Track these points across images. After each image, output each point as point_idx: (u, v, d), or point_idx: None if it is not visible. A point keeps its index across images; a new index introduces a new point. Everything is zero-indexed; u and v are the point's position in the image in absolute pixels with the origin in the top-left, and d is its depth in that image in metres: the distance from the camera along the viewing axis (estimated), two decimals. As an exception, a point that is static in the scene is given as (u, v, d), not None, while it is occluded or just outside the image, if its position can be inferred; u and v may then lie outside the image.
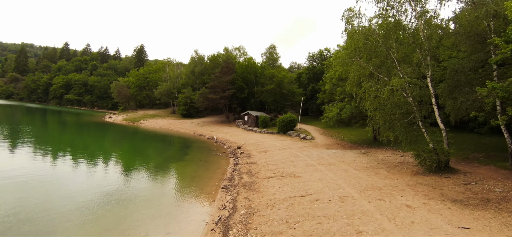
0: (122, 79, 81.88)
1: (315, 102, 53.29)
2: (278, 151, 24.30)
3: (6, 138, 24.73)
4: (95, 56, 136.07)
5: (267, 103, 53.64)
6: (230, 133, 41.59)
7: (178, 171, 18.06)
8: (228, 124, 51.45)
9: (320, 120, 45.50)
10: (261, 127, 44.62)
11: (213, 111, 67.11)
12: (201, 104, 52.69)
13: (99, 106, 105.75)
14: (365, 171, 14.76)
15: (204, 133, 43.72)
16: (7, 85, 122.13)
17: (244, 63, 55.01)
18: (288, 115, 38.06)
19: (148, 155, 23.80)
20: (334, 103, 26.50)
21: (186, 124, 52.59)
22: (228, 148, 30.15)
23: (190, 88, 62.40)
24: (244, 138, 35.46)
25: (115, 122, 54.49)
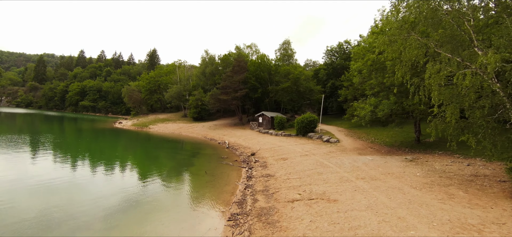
0: (133, 83, 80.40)
1: (335, 100, 48.63)
2: (300, 158, 20.24)
3: (29, 146, 25.43)
4: (109, 63, 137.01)
5: (283, 103, 49.52)
6: (244, 136, 37.87)
7: (175, 191, 14.38)
8: (241, 127, 47.81)
9: (343, 119, 40.94)
10: (277, 129, 40.60)
11: (225, 113, 63.78)
12: (212, 106, 49.38)
13: (113, 112, 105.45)
14: (429, 191, 10.47)
15: (215, 137, 40.26)
16: (26, 94, 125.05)
17: (257, 61, 51.19)
18: (307, 115, 33.85)
19: (143, 167, 20.43)
20: (364, 99, 22.10)
21: (197, 128, 49.45)
22: (240, 154, 26.40)
23: (201, 90, 59.36)
24: (258, 142, 31.61)
25: (124, 127, 52.27)
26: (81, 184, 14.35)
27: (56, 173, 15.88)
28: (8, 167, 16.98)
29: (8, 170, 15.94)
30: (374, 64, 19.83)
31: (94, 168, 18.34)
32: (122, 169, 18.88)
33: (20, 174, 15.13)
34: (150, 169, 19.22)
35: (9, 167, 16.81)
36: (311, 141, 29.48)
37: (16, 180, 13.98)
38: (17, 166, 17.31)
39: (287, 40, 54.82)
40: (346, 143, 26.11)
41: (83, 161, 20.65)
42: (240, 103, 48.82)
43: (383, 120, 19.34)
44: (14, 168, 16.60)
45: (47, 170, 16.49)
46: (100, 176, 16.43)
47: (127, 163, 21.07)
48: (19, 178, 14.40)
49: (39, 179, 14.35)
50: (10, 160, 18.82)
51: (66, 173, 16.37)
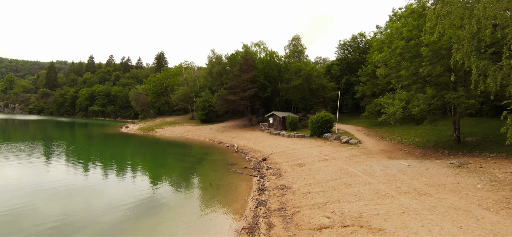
0: (140, 86, 79.18)
1: (350, 97, 45.46)
2: (319, 164, 17.50)
3: (42, 152, 25.70)
4: (118, 67, 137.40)
5: (294, 102, 46.73)
6: (254, 138, 35.31)
7: (169, 213, 11.89)
8: (251, 128, 45.28)
9: (360, 117, 37.79)
10: (289, 130, 37.85)
11: (234, 114, 61.44)
12: (219, 108, 47.07)
13: (122, 116, 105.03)
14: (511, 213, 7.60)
15: (223, 140, 37.87)
16: (38, 101, 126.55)
17: (266, 58, 48.55)
18: (322, 114, 30.98)
19: (138, 179, 18.11)
20: (391, 94, 19.14)
21: (204, 130, 47.25)
22: (250, 159, 23.84)
23: (208, 91, 57.22)
24: (270, 145, 28.97)
25: (129, 132, 50.65)
26: (74, 192, 13.84)
27: (67, 178, 16.17)
28: (27, 172, 17.32)
29: (27, 175, 16.47)
30: (404, 52, 16.86)
31: (89, 178, 16.17)
32: (113, 181, 16.62)
33: (38, 179, 15.71)
34: (147, 181, 16.88)
35: (28, 172, 17.21)
36: (328, 143, 26.61)
37: (35, 184, 14.48)
38: (34, 171, 17.72)
39: (297, 36, 51.93)
40: (369, 144, 23.13)
41: (81, 169, 18.57)
42: (249, 104, 46.32)
43: (417, 117, 16.34)
44: (32, 173, 17.05)
45: (61, 175, 16.96)
46: (89, 191, 14.20)
47: (120, 173, 18.84)
48: (38, 182, 14.90)
49: (56, 183, 14.83)
50: (28, 166, 19.06)
51: (69, 178, 16.25)
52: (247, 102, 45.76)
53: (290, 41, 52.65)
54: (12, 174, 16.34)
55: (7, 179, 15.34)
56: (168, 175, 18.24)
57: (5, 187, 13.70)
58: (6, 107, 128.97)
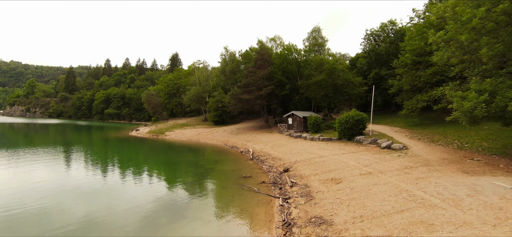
0: (152, 87, 76.97)
1: (380, 93, 40.10)
2: (362, 180, 12.93)
3: (61, 155, 25.92)
4: (133, 70, 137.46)
5: (316, 100, 41.95)
6: (271, 142, 30.97)
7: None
8: (268, 130, 40.96)
9: (397, 115, 32.43)
10: (311, 132, 33.20)
11: (249, 115, 57.38)
12: (233, 108, 43.09)
13: (137, 118, 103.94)
14: None
15: (237, 144, 33.81)
16: (57, 105, 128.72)
17: (283, 52, 44.04)
18: (352, 112, 26.14)
19: (124, 198, 14.23)
20: (455, 84, 14.18)
21: (217, 133, 43.46)
22: (269, 169, 19.53)
23: (221, 91, 53.49)
24: (291, 150, 24.53)
25: (138, 135, 47.77)
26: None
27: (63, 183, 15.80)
28: (52, 174, 17.88)
29: (53, 177, 17.13)
30: (486, 22, 11.94)
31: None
32: (93, 200, 12.85)
33: (63, 180, 16.61)
34: (131, 205, 12.94)
35: (53, 174, 17.82)
36: (362, 148, 21.80)
37: (61, 185, 15.22)
38: (57, 173, 18.41)
39: (317, 27, 47.08)
40: (421, 151, 18.16)
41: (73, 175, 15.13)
42: (265, 103, 42.03)
43: (507, 116, 11.38)
44: (56, 175, 17.74)
45: (65, 178, 17.32)
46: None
47: (107, 188, 15.09)
48: (63, 183, 15.60)
49: (77, 183, 15.58)
50: (53, 168, 19.77)
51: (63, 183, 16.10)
52: (263, 102, 41.50)
53: (309, 34, 47.88)
54: (40, 176, 17.05)
55: (36, 180, 16.03)
56: (163, 194, 14.26)
57: (36, 187, 14.44)
58: (27, 111, 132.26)
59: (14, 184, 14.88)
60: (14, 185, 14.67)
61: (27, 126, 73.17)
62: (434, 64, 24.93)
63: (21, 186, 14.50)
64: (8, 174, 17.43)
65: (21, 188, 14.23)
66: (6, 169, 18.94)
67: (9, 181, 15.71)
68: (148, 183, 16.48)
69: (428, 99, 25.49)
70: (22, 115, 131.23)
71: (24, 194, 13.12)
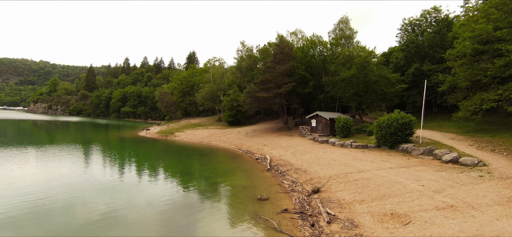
0: (166, 85, 74.35)
1: (419, 92, 34.19)
2: (448, 223, 8.00)
3: (78, 153, 25.79)
4: (151, 68, 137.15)
5: (342, 99, 36.67)
6: (292, 147, 26.23)
7: None
8: (288, 133, 36.19)
9: (449, 118, 26.56)
10: (340, 136, 28.12)
11: (266, 116, 52.79)
12: (248, 108, 38.69)
13: (152, 117, 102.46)
14: None
15: (252, 149, 29.37)
16: (77, 103, 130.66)
17: (307, 45, 39.06)
18: (396, 114, 20.89)
19: (104, 215, 10.18)
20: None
21: (230, 135, 39.25)
22: (292, 187, 14.89)
23: (237, 89, 49.33)
24: (318, 159, 19.70)
25: (147, 135, 44.53)
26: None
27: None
28: (74, 170, 18.07)
29: (75, 172, 17.33)
30: None
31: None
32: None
33: (85, 176, 16.84)
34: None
35: (74, 170, 18.01)
36: (416, 161, 16.59)
37: (83, 181, 15.56)
38: (77, 169, 18.61)
39: (344, 18, 41.75)
40: (509, 168, 12.79)
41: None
42: (284, 102, 37.28)
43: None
44: (78, 171, 17.93)
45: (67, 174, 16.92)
46: None
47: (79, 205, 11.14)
48: (86, 179, 16.01)
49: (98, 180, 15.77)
50: (74, 164, 20.13)
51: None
52: (283, 101, 36.77)
53: (335, 26, 42.57)
54: (63, 171, 17.57)
55: (61, 174, 16.66)
56: (138, 227, 10.00)
57: (61, 181, 15.16)
58: (49, 108, 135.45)
59: (40, 178, 15.69)
60: (40, 179, 15.50)
61: (49, 123, 73.07)
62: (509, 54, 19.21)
63: (44, 180, 15.18)
64: (37, 169, 17.99)
65: (46, 182, 14.94)
66: (34, 164, 19.43)
67: (37, 175, 16.38)
68: (123, 200, 12.30)
69: (499, 98, 19.73)
70: (45, 113, 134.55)
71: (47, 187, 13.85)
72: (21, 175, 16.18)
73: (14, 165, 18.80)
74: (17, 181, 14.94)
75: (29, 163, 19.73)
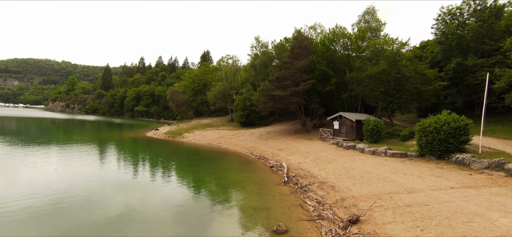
0: (177, 83, 72.21)
1: (458, 91, 29.47)
2: None
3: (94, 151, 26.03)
4: (165, 68, 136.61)
5: (368, 99, 32.48)
6: (313, 153, 22.48)
7: None
8: (306, 135, 32.39)
9: (508, 122, 21.99)
10: (369, 141, 24.06)
11: (282, 116, 49.08)
12: (262, 107, 35.18)
13: (165, 116, 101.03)
14: None
15: (266, 154, 25.85)
16: (93, 101, 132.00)
17: (329, 37, 35.05)
18: (445, 116, 16.74)
19: None
20: None
21: (243, 137, 35.89)
22: (317, 210, 11.27)
23: (250, 87, 46.02)
24: (346, 170, 15.90)
25: (154, 136, 41.96)
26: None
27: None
28: (92, 168, 18.23)
29: (93, 170, 17.59)
30: None
31: None
32: None
33: (101, 173, 17.23)
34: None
35: (92, 168, 18.19)
36: (484, 178, 12.51)
37: (99, 178, 15.90)
38: (93, 167, 18.67)
39: (370, 8, 37.41)
40: None
41: None
42: (303, 102, 33.47)
43: None
44: (94, 168, 18.23)
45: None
46: None
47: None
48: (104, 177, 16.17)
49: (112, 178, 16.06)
50: (92, 162, 20.23)
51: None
52: (301, 100, 32.99)
53: (360, 17, 38.30)
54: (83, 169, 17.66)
55: (80, 172, 16.90)
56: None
57: (81, 178, 15.47)
58: (67, 107, 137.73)
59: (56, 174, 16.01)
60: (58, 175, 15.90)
61: (65, 122, 72.95)
62: None
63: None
64: (56, 166, 18.16)
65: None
66: (55, 162, 19.53)
67: (56, 171, 16.77)
68: (100, 216, 9.17)
69: None
70: (62, 111, 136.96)
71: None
72: (41, 172, 16.63)
73: (37, 161, 19.48)
74: (38, 176, 15.51)
75: (47, 159, 20.33)
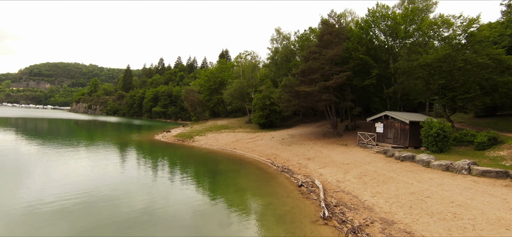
0: (193, 82, 68.32)
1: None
2: None
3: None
4: (184, 68, 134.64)
5: (419, 94, 25.91)
6: (354, 165, 16.59)
7: None
8: (338, 140, 26.36)
9: None
10: (431, 150, 17.70)
11: (306, 117, 43.08)
12: (285, 106, 29.61)
13: (182, 117, 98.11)
14: None
15: (291, 164, 20.25)
16: (114, 102, 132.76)
17: (367, 20, 28.68)
18: None
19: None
20: None
21: (262, 141, 30.51)
22: None
23: (270, 83, 40.61)
24: (419, 198, 9.97)
25: (162, 139, 37.68)
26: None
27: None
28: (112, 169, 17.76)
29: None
30: None
31: None
32: None
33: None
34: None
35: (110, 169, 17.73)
36: None
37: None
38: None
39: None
40: None
41: None
42: (334, 99, 27.49)
43: None
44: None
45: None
46: None
47: None
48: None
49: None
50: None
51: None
52: (332, 97, 27.05)
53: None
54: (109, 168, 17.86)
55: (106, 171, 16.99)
56: None
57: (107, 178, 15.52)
58: (89, 108, 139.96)
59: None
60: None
61: (88, 123, 71.95)
62: None
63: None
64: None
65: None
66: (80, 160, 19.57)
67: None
68: None
69: None
70: (85, 112, 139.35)
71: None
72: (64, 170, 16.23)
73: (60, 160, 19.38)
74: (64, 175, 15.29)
75: (68, 159, 20.10)
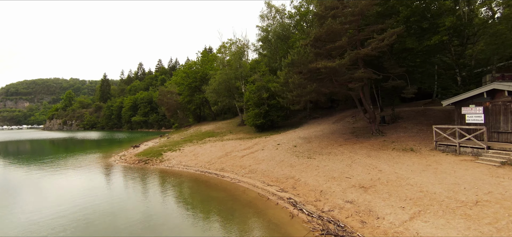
0: (168, 82, 57.26)
1: None
2: None
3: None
4: (166, 71, 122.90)
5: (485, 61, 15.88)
6: (490, 204, 6.31)
7: None
8: (384, 140, 16.05)
9: None
10: None
11: (314, 110, 32.59)
12: (296, 97, 18.99)
13: (166, 125, 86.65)
14: None
15: (337, 209, 9.67)
16: (91, 116, 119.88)
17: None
18: None
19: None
20: None
21: (264, 152, 19.92)
22: None
23: (266, 69, 30.09)
24: None
25: (118, 162, 26.34)
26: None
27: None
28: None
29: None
30: None
31: None
32: None
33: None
34: None
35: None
36: None
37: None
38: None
39: None
40: None
41: None
42: (373, 75, 17.10)
43: None
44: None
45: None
46: None
47: None
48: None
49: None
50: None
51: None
52: (370, 73, 16.70)
53: None
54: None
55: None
56: None
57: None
58: (64, 124, 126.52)
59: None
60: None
61: (65, 141, 59.84)
62: None
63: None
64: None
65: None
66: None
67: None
68: None
69: None
70: (60, 129, 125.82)
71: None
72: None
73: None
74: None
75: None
